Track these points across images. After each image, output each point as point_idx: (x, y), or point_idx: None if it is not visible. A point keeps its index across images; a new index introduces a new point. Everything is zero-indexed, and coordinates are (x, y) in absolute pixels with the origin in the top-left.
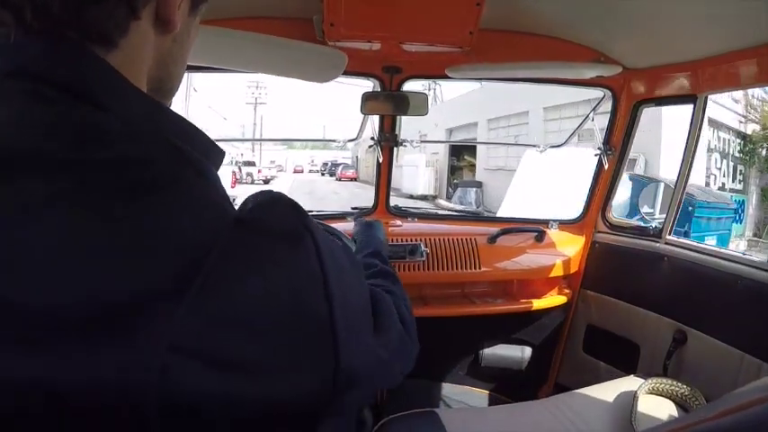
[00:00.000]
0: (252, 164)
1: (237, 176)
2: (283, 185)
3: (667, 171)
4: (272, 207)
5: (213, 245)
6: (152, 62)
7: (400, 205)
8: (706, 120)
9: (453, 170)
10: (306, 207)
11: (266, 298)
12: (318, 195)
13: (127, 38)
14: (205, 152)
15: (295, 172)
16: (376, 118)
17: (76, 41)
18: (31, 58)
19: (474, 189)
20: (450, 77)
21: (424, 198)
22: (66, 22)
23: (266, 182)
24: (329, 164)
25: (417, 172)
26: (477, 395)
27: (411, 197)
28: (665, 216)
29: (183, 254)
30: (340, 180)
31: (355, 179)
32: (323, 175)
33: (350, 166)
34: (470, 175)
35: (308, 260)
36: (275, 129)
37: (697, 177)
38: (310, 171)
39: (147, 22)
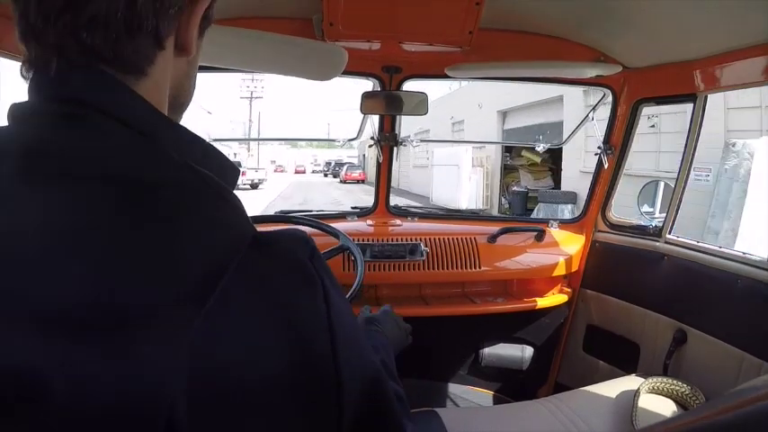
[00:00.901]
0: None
1: None
2: (273, 191)
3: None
4: (290, 242)
5: (230, 262)
6: (171, 85)
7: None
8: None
9: (506, 171)
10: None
11: (269, 337)
12: (315, 204)
13: (154, 66)
14: (220, 172)
15: (296, 172)
16: (376, 118)
17: (112, 74)
18: (75, 88)
19: (568, 205)
20: (449, 77)
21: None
22: (104, 56)
23: (253, 186)
24: (332, 163)
25: (459, 174)
26: (478, 394)
27: None
28: (664, 215)
29: (202, 267)
30: (345, 182)
31: (362, 181)
32: (326, 176)
33: (356, 167)
34: (529, 178)
35: (317, 308)
36: (275, 126)
37: None
38: (313, 171)
39: (170, 50)
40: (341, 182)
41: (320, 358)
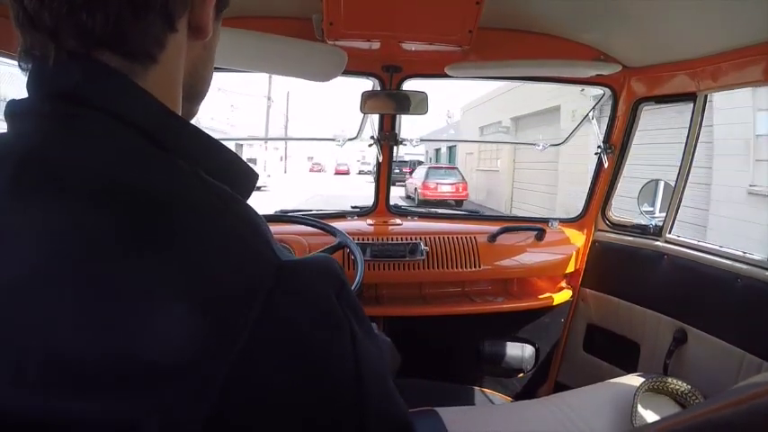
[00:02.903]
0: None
1: None
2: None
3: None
4: (318, 277)
5: (252, 304)
6: (186, 71)
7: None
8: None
9: None
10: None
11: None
12: None
13: (165, 52)
14: (236, 181)
15: (338, 173)
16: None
17: (109, 66)
18: (74, 83)
19: None
20: (449, 76)
21: None
22: (107, 41)
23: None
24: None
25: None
26: (478, 394)
27: None
28: (664, 214)
29: (216, 312)
30: (424, 200)
31: (462, 201)
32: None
33: (447, 171)
34: None
35: (344, 355)
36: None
37: None
38: (360, 172)
39: (183, 32)
40: (409, 198)
41: (346, 407)
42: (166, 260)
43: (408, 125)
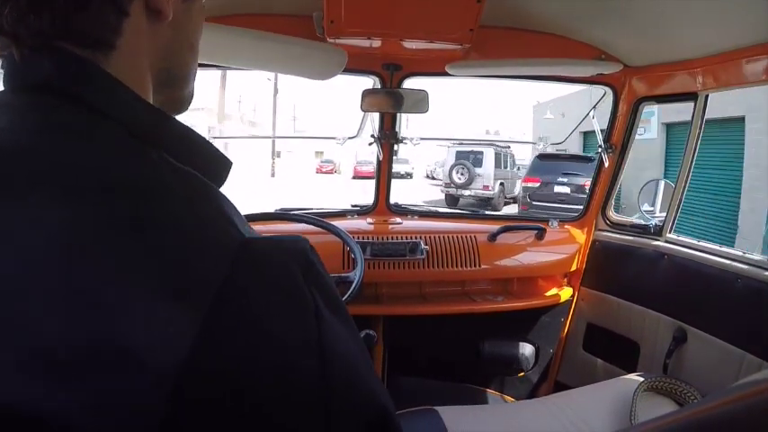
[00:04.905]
0: None
1: None
2: None
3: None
4: (283, 256)
5: (213, 279)
6: (155, 55)
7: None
8: None
9: None
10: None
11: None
12: None
13: (122, 37)
14: (206, 168)
15: (357, 176)
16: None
17: (75, 54)
18: (41, 73)
19: None
20: (450, 75)
21: None
22: (59, 34)
23: None
24: (458, 168)
25: None
26: (477, 393)
27: None
28: (665, 214)
29: (178, 291)
30: None
31: None
32: (455, 200)
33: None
34: None
35: (306, 333)
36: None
37: None
38: (406, 175)
39: (139, 16)
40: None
41: (306, 389)
42: (140, 248)
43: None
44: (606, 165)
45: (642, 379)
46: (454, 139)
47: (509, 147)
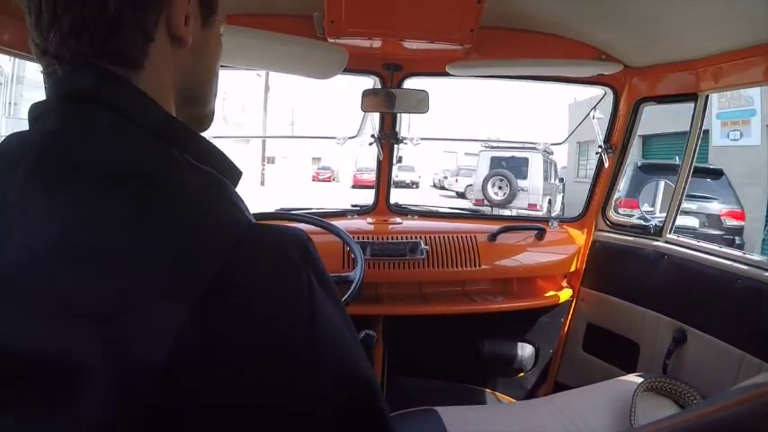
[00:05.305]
0: None
1: None
2: None
3: None
4: (283, 240)
5: (220, 259)
6: (178, 75)
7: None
8: None
9: None
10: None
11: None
12: None
13: (149, 59)
14: (222, 171)
15: (359, 185)
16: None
17: (112, 70)
18: (80, 84)
19: None
20: (450, 75)
21: None
22: (96, 55)
23: None
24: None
25: None
26: (477, 393)
27: None
28: (665, 214)
29: (193, 267)
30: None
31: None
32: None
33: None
34: None
35: (299, 299)
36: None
37: None
38: (412, 184)
39: (163, 41)
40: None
41: (297, 362)
42: (155, 233)
43: None
44: (606, 165)
45: (642, 379)
46: (454, 139)
47: (552, 152)
